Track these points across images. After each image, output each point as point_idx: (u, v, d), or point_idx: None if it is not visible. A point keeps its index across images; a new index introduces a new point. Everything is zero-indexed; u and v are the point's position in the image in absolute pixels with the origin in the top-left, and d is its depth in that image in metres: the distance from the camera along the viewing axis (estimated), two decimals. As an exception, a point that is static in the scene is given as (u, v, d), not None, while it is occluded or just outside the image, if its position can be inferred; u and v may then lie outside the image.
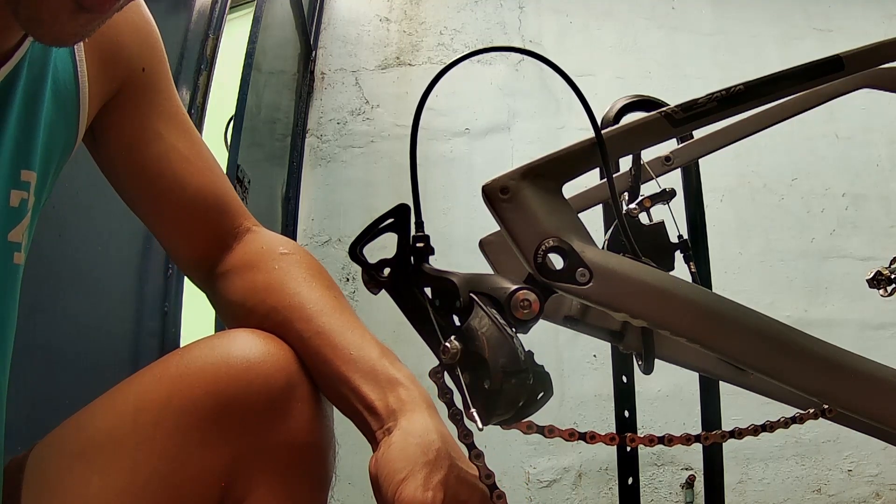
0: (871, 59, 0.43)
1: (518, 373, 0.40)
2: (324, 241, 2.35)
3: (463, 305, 0.42)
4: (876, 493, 2.22)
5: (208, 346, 0.54)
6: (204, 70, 1.52)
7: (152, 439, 0.49)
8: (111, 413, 0.52)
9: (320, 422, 0.54)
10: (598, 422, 2.19)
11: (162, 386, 0.52)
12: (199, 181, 0.64)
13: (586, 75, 2.60)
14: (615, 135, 0.43)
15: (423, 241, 0.45)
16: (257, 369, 0.51)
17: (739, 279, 2.39)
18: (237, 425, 0.50)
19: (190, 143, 0.65)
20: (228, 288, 0.63)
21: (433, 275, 0.44)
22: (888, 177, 2.61)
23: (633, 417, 1.24)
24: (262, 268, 0.62)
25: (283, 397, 0.52)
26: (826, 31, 2.78)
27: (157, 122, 0.63)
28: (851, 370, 0.40)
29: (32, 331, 0.91)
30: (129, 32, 0.61)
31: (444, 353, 0.41)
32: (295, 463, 0.52)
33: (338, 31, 2.64)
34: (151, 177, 0.62)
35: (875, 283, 0.84)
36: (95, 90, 0.57)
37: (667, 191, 0.89)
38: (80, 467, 0.49)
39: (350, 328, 0.56)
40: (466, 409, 0.40)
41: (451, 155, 2.47)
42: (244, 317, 0.60)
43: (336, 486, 2.09)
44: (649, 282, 0.39)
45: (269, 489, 0.51)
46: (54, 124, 0.53)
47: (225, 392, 0.50)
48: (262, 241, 0.66)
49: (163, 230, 0.65)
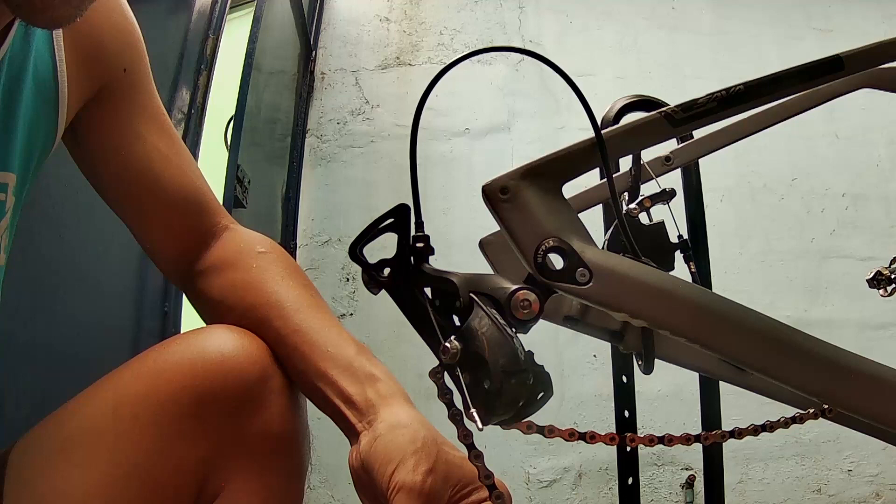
0: (871, 58, 0.43)
1: (518, 373, 0.40)
2: (324, 241, 2.35)
3: (463, 305, 0.42)
4: (876, 493, 2.22)
5: (184, 342, 0.55)
6: (204, 70, 1.53)
7: (131, 433, 0.50)
8: (90, 409, 0.53)
9: (294, 412, 0.56)
10: (598, 422, 2.19)
11: (139, 382, 0.53)
12: (179, 181, 0.66)
13: (586, 75, 2.60)
14: (615, 135, 0.43)
15: (423, 242, 0.45)
16: (232, 363, 0.52)
17: (739, 279, 2.39)
18: (214, 418, 0.51)
19: (170, 143, 0.66)
20: (207, 286, 0.64)
21: (433, 275, 0.44)
22: (888, 177, 2.61)
23: (633, 417, 1.24)
24: (241, 266, 0.63)
25: (257, 389, 0.53)
26: (826, 31, 2.78)
27: (138, 123, 0.64)
28: (851, 370, 0.40)
29: (32, 331, 0.91)
30: (111, 33, 0.61)
31: (444, 353, 0.41)
32: (271, 453, 0.53)
33: (338, 31, 2.64)
34: (133, 176, 0.63)
35: (875, 282, 0.84)
36: (75, 89, 0.57)
37: (667, 191, 0.89)
38: (60, 463, 0.50)
39: (327, 326, 0.58)
40: (466, 409, 0.40)
41: (451, 155, 2.47)
42: (223, 314, 0.61)
43: (336, 485, 2.09)
44: (649, 282, 0.39)
45: (245, 478, 0.52)
46: (33, 124, 0.53)
47: (201, 386, 0.51)
48: (241, 239, 0.67)
49: (143, 229, 0.66)
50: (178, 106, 1.43)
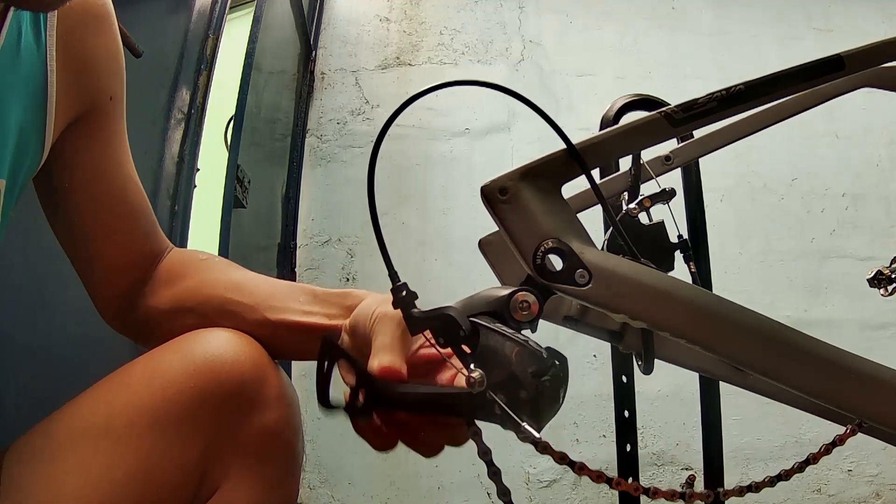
0: (872, 58, 0.43)
1: (547, 370, 0.40)
2: (324, 241, 2.35)
3: (468, 333, 0.41)
4: (876, 493, 2.22)
5: (179, 345, 0.55)
6: (204, 70, 1.52)
7: (127, 436, 0.51)
8: (87, 412, 0.53)
9: (289, 409, 0.56)
10: (597, 422, 2.19)
11: (135, 385, 0.53)
12: (144, 210, 0.68)
13: (586, 75, 2.60)
14: (615, 135, 0.43)
15: (403, 289, 0.43)
16: (226, 363, 0.53)
17: (739, 279, 2.39)
18: (210, 418, 0.52)
19: (134, 172, 0.68)
20: (158, 300, 0.65)
21: (428, 317, 0.42)
22: (888, 177, 2.61)
23: (633, 417, 1.24)
24: (189, 274, 0.66)
25: (252, 388, 0.54)
26: (826, 31, 2.78)
27: (118, 152, 0.65)
28: (851, 371, 0.40)
29: (32, 331, 0.91)
30: (104, 58, 0.62)
31: (471, 384, 0.40)
32: (266, 450, 0.54)
33: (338, 31, 2.64)
34: (111, 202, 0.64)
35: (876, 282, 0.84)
36: (63, 104, 0.57)
37: (667, 190, 0.89)
38: (56, 466, 0.50)
39: (284, 285, 0.62)
40: (517, 427, 0.40)
41: (451, 155, 2.47)
42: (182, 318, 0.61)
43: (336, 485, 2.09)
44: (649, 283, 0.39)
45: (241, 475, 0.53)
46: (24, 131, 0.53)
47: (197, 387, 0.52)
48: (182, 255, 0.70)
49: (100, 255, 0.66)
50: (178, 106, 1.43)
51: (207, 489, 0.53)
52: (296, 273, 2.28)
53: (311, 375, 0.47)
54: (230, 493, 0.53)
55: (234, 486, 0.53)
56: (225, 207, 1.52)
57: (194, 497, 0.52)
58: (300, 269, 2.30)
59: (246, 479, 0.53)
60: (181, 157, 1.42)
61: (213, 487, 0.53)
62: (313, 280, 2.29)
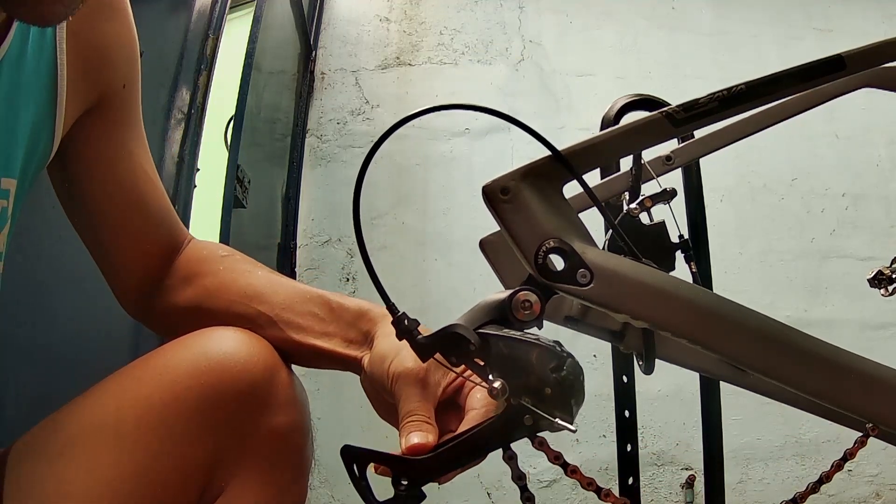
0: (872, 58, 0.43)
1: (565, 362, 0.41)
2: (324, 241, 2.35)
3: (477, 346, 0.41)
4: (876, 493, 2.22)
5: (188, 343, 0.55)
6: (204, 70, 1.52)
7: (135, 434, 0.50)
8: (93, 410, 0.52)
9: (299, 408, 0.56)
10: (598, 422, 2.19)
11: (143, 383, 0.53)
12: (158, 200, 0.67)
13: (586, 75, 2.60)
14: (616, 135, 0.43)
15: (403, 319, 0.43)
16: (236, 362, 0.53)
17: (739, 279, 2.39)
18: (219, 418, 0.51)
19: (149, 161, 0.67)
20: (178, 298, 0.65)
21: (434, 339, 0.42)
22: (888, 177, 2.61)
23: (634, 417, 1.24)
24: (209, 272, 0.65)
25: (262, 388, 0.53)
26: (826, 31, 2.78)
27: (130, 140, 0.65)
28: (851, 370, 0.40)
29: (32, 332, 0.91)
30: (117, 46, 0.61)
31: (494, 395, 0.40)
32: (275, 450, 0.54)
33: (338, 31, 2.64)
34: (121, 192, 0.63)
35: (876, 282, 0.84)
36: (75, 96, 0.56)
37: (667, 190, 0.88)
38: (62, 463, 0.50)
39: (306, 293, 0.62)
40: (551, 424, 0.40)
41: (450, 155, 2.47)
42: (201, 320, 0.61)
43: (336, 485, 2.09)
44: (650, 283, 0.39)
45: (250, 476, 0.53)
46: (35, 128, 0.53)
47: (206, 386, 0.51)
48: (202, 248, 0.70)
49: (115, 247, 0.65)
50: (178, 106, 1.43)
51: (214, 490, 0.52)
52: (296, 273, 2.28)
53: (311, 375, 0.47)
54: (237, 496, 0.52)
55: (242, 488, 0.52)
56: (225, 207, 1.52)
57: (200, 498, 0.52)
58: (300, 269, 2.30)
59: (253, 482, 0.53)
60: (181, 157, 1.42)
61: (220, 488, 0.52)
62: (313, 280, 2.29)
